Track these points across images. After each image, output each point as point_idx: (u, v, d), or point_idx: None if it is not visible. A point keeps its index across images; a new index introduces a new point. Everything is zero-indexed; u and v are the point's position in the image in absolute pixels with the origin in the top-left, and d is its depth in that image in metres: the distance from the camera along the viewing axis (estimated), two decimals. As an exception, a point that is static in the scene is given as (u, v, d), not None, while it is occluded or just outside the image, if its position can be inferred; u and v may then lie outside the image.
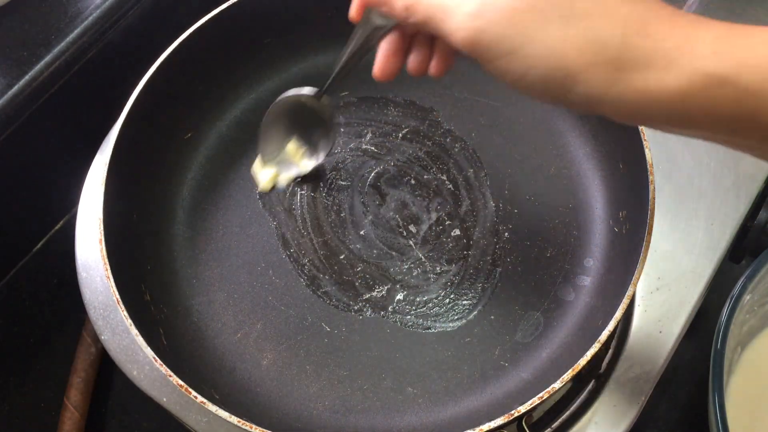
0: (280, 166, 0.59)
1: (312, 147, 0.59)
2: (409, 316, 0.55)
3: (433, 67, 0.44)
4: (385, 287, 0.56)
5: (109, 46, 0.63)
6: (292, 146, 0.59)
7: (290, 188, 0.60)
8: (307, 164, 0.59)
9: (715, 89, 0.32)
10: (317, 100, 0.55)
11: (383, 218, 0.59)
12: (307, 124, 0.57)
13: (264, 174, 0.59)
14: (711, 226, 0.60)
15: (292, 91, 0.56)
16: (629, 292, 0.47)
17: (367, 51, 0.46)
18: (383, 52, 0.44)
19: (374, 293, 0.56)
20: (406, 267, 0.57)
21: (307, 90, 0.55)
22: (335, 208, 0.59)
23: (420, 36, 0.44)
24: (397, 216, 0.59)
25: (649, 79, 0.33)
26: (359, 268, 0.57)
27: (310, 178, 0.60)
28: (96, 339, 0.63)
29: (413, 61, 0.44)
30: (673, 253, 0.59)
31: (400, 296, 0.56)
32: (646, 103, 0.33)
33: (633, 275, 0.48)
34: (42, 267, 0.70)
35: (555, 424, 0.54)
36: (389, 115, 0.63)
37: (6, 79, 0.58)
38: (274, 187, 0.60)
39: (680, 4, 0.70)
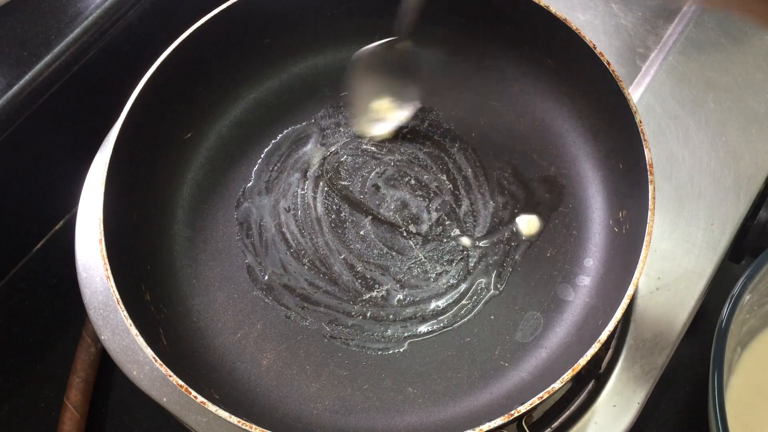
0: (373, 125, 0.60)
1: (399, 98, 0.59)
2: (409, 316, 0.55)
3: None
4: (385, 287, 0.56)
5: (109, 46, 0.64)
6: (378, 104, 0.59)
7: (291, 188, 0.60)
8: (400, 115, 0.59)
9: None
10: (392, 48, 0.54)
11: (383, 218, 0.59)
12: (389, 77, 0.57)
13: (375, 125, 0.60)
14: (711, 226, 0.60)
15: (368, 47, 0.55)
16: (629, 292, 0.47)
17: None
18: None
19: (374, 293, 0.56)
20: (406, 267, 0.57)
21: (377, 43, 0.54)
22: (335, 208, 0.59)
23: None
24: (397, 216, 0.59)
25: None
26: (359, 268, 0.57)
27: (311, 178, 0.60)
28: (96, 339, 0.63)
29: None
30: (673, 253, 0.59)
31: (400, 296, 0.56)
32: None
33: (633, 275, 0.48)
34: (42, 267, 0.70)
35: (555, 424, 0.54)
36: (389, 115, 0.63)
37: (6, 79, 0.58)
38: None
39: (680, 2, 0.70)
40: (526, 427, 0.52)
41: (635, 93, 0.65)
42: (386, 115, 0.60)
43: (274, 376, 0.53)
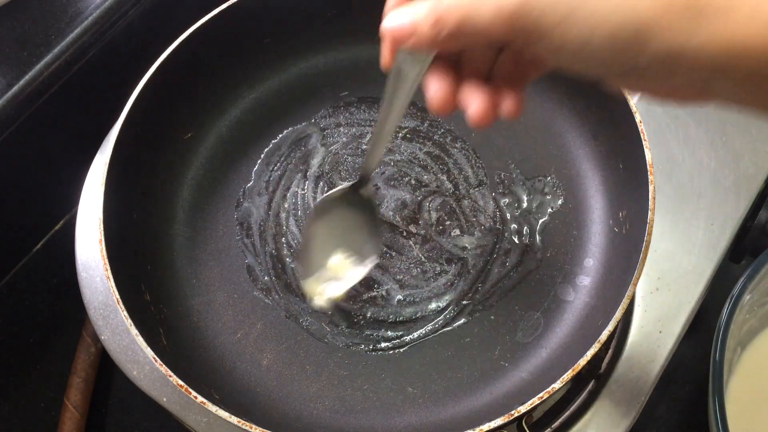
0: (327, 284, 0.53)
1: (359, 253, 0.52)
2: (408, 316, 0.55)
3: (507, 105, 0.38)
4: (385, 287, 0.56)
5: (109, 46, 0.63)
6: (337, 259, 0.52)
7: (291, 188, 0.60)
8: (356, 274, 0.52)
9: None
10: (356, 192, 0.50)
11: (383, 218, 0.59)
12: (350, 228, 0.52)
13: (320, 296, 0.53)
14: (711, 226, 0.60)
15: (328, 194, 0.51)
16: (629, 292, 0.47)
17: (402, 112, 0.40)
18: (433, 82, 0.37)
19: (374, 293, 0.56)
20: (406, 267, 0.57)
21: (341, 186, 0.51)
22: (335, 208, 0.59)
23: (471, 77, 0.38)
24: (397, 216, 0.59)
25: (733, 25, 0.29)
26: (359, 268, 0.57)
27: (311, 178, 0.60)
28: (96, 339, 0.63)
29: (477, 104, 0.38)
30: (673, 253, 0.59)
31: (400, 296, 0.56)
32: (730, 55, 0.29)
33: (633, 275, 0.48)
34: (42, 267, 0.70)
35: (555, 424, 0.54)
36: (389, 115, 0.63)
37: (6, 79, 0.58)
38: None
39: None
40: (526, 427, 0.52)
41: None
42: (342, 274, 0.52)
43: (274, 376, 0.53)
